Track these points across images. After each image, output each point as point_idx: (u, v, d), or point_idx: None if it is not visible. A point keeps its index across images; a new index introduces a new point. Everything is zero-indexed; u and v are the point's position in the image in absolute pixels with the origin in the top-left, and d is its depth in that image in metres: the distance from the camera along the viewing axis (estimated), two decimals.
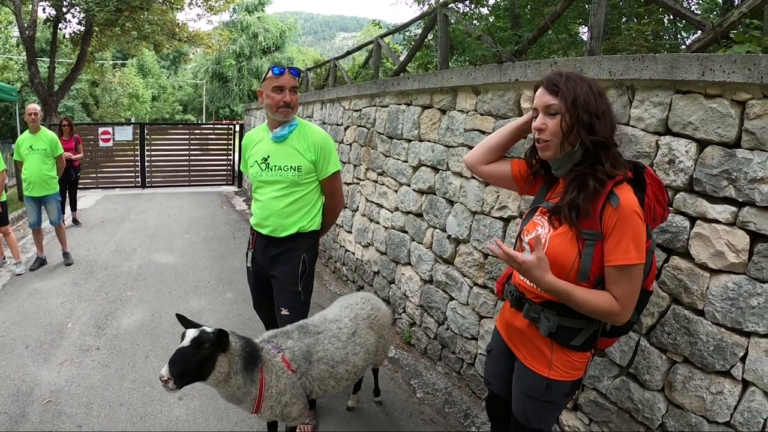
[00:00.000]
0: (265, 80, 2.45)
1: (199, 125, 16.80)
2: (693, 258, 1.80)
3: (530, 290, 1.56)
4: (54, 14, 12.15)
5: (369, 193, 4.81)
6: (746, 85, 1.62)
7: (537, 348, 1.58)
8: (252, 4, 32.14)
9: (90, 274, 5.29)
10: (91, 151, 11.38)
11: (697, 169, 1.78)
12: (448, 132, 3.47)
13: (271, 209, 2.50)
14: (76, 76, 13.71)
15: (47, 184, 5.38)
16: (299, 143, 2.48)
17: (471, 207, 3.21)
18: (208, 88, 34.53)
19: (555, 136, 1.44)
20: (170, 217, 8.43)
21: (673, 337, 1.87)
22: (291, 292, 2.57)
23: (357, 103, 5.22)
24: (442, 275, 3.53)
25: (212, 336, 1.88)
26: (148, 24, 12.27)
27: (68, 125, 7.36)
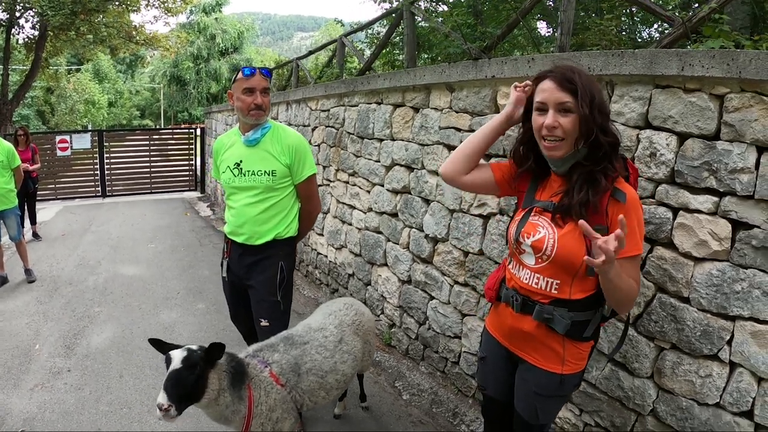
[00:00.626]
0: (235, 82, 2.35)
1: (159, 130, 16.36)
2: (677, 247, 1.85)
3: (536, 291, 1.54)
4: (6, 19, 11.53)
5: (340, 194, 4.75)
6: (725, 80, 1.68)
7: (549, 348, 1.56)
8: (209, 5, 31.34)
9: (54, 291, 5.07)
10: (48, 160, 10.94)
11: (678, 161, 1.84)
12: (422, 130, 3.45)
13: (245, 216, 2.41)
14: (31, 83, 13.09)
15: (5, 197, 5.06)
16: (273, 147, 2.39)
17: (449, 205, 3.20)
18: (165, 92, 33.49)
19: (570, 135, 1.41)
20: (134, 226, 8.21)
21: (660, 325, 1.92)
22: (270, 301, 2.47)
23: (325, 103, 5.15)
24: (420, 275, 3.52)
25: (201, 353, 1.80)
26: (104, 27, 11.77)
27: (24, 135, 6.98)
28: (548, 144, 1.45)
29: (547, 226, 1.50)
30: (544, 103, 1.45)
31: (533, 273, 1.53)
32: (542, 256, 1.50)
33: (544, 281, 1.51)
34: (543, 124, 1.44)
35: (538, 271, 1.52)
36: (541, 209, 1.54)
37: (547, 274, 1.50)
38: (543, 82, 1.46)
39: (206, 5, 31.15)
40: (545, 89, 1.45)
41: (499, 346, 1.72)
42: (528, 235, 1.54)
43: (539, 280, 1.52)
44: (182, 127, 22.18)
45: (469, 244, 3.05)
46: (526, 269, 1.56)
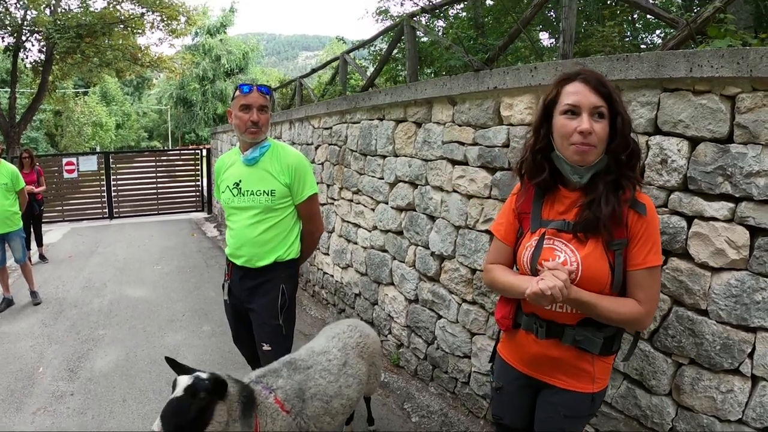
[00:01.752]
0: (234, 99, 2.34)
1: (165, 151, 16.71)
2: (693, 258, 1.78)
3: (560, 315, 1.47)
4: (13, 43, 11.84)
5: (345, 212, 4.71)
6: (735, 79, 1.64)
7: (580, 369, 1.50)
8: (214, 26, 32.17)
9: (59, 314, 5.10)
10: (55, 183, 11.22)
11: (690, 167, 1.78)
12: (426, 145, 3.42)
13: (244, 238, 2.37)
14: (38, 106, 13.37)
15: (10, 220, 5.13)
16: (272, 166, 2.36)
17: (454, 221, 3.15)
18: (172, 114, 34.18)
19: (602, 141, 1.36)
20: (140, 248, 8.29)
21: (678, 340, 1.84)
22: (271, 325, 2.42)
23: (327, 120, 5.16)
24: (428, 293, 3.45)
25: (208, 384, 1.72)
26: (110, 50, 12.04)
27: (29, 157, 7.12)
28: (582, 148, 1.35)
29: (565, 249, 1.42)
30: (576, 106, 1.36)
31: None
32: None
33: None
34: (576, 129, 1.35)
35: None
36: (555, 231, 1.45)
37: None
38: (571, 84, 1.39)
39: (211, 27, 31.97)
40: (576, 92, 1.36)
41: (517, 375, 1.63)
42: (546, 261, 1.44)
43: (563, 305, 1.45)
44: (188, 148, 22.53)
45: (476, 261, 2.99)
46: None
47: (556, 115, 1.42)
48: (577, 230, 1.41)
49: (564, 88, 1.41)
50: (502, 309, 1.66)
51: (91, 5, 11.95)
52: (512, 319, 1.62)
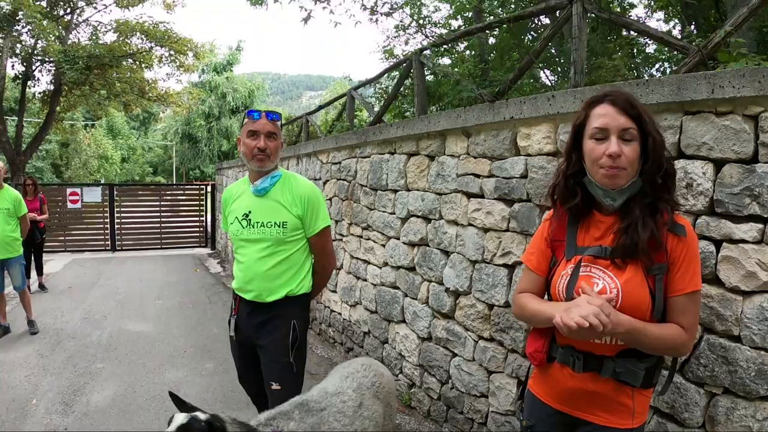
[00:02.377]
0: (242, 126, 2.35)
1: (170, 186, 16.97)
2: (723, 283, 1.79)
3: (599, 346, 1.44)
4: (23, 71, 12.24)
5: (354, 249, 4.73)
6: (757, 98, 1.69)
7: (619, 403, 1.45)
8: (220, 64, 33.30)
9: (57, 344, 5.09)
10: (59, 212, 11.45)
11: (716, 190, 1.81)
12: (439, 179, 3.47)
13: (254, 271, 2.33)
14: (44, 135, 13.69)
15: (10, 246, 5.17)
16: (284, 196, 2.34)
17: (470, 256, 3.15)
18: (177, 150, 34.90)
19: (633, 164, 1.37)
20: (142, 281, 8.34)
21: (711, 369, 1.82)
22: (281, 363, 2.35)
23: (336, 155, 5.25)
24: (442, 331, 3.41)
25: (204, 426, 1.64)
26: (118, 82, 12.45)
27: (32, 184, 7.26)
28: (611, 172, 1.36)
29: (604, 276, 1.41)
30: (604, 128, 1.37)
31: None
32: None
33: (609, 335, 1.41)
34: (604, 152, 1.36)
35: None
36: (591, 257, 1.44)
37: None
38: (599, 107, 1.40)
39: (217, 65, 33.05)
40: (605, 114, 1.38)
41: (551, 413, 1.58)
42: (583, 289, 1.42)
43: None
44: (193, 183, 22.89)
45: (494, 296, 2.97)
46: None
47: (586, 139, 1.43)
48: (615, 256, 1.40)
49: (592, 110, 1.42)
50: (534, 342, 1.62)
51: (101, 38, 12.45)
52: (546, 352, 1.57)
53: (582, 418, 1.51)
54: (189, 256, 11.28)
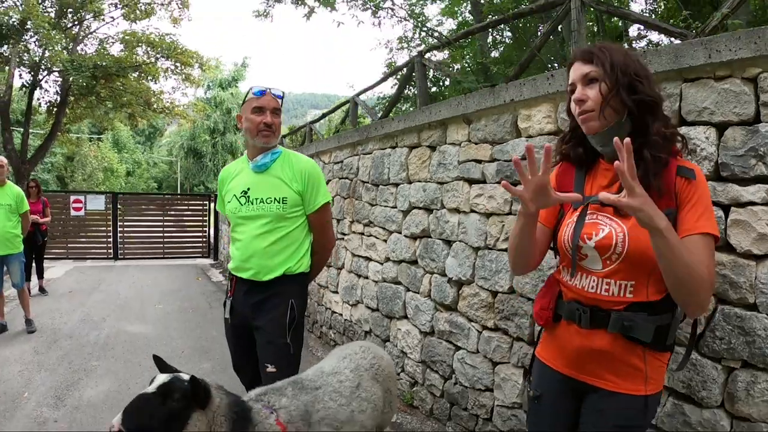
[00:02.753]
0: (245, 103, 2.35)
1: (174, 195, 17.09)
2: (734, 248, 1.75)
3: (606, 300, 1.39)
4: (30, 80, 12.47)
5: (355, 247, 4.70)
6: (755, 59, 1.69)
7: (629, 364, 1.39)
8: (226, 80, 33.82)
9: (53, 343, 5.08)
10: (62, 220, 11.56)
11: (720, 153, 1.79)
12: (441, 168, 3.46)
13: (253, 249, 2.30)
14: (50, 144, 13.86)
15: (10, 242, 5.19)
16: (284, 172, 2.33)
17: (473, 243, 3.12)
18: (182, 165, 35.22)
19: (597, 103, 1.38)
20: (143, 288, 8.38)
21: (727, 341, 1.76)
22: (278, 344, 2.29)
23: (338, 154, 5.26)
24: (444, 324, 3.37)
25: (186, 386, 1.59)
26: (124, 92, 12.63)
27: (35, 187, 7.33)
28: (581, 118, 1.41)
29: (610, 223, 1.39)
30: (572, 83, 1.44)
31: (601, 279, 1.39)
32: (611, 256, 1.37)
33: (617, 285, 1.37)
34: (573, 100, 1.43)
35: (607, 275, 1.38)
36: (598, 205, 1.42)
37: (620, 277, 1.37)
38: (572, 67, 1.46)
39: (223, 81, 33.55)
40: (573, 69, 1.44)
41: (558, 378, 1.52)
42: (589, 236, 1.41)
43: (610, 286, 1.38)
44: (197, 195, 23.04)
45: (497, 282, 2.93)
46: (592, 276, 1.41)
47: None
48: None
49: (569, 73, 1.48)
50: (540, 300, 1.59)
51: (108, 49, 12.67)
52: (552, 309, 1.54)
53: (590, 384, 1.45)
54: (191, 266, 11.32)
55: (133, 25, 12.95)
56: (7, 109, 11.85)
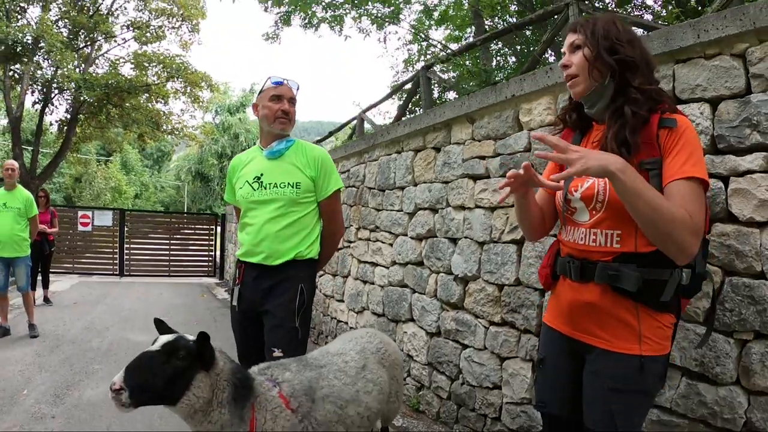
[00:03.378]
0: (262, 92, 2.43)
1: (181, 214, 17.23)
2: (736, 217, 1.78)
3: (595, 250, 1.43)
4: (41, 98, 12.82)
5: (361, 253, 4.74)
6: (741, 35, 1.77)
7: (620, 320, 1.39)
8: (234, 105, 34.56)
9: (56, 347, 5.12)
10: (70, 235, 11.77)
11: (716, 126, 1.85)
12: (445, 167, 3.53)
13: (264, 233, 2.34)
14: (59, 161, 14.15)
15: (18, 245, 5.28)
16: (297, 159, 2.39)
17: (478, 238, 3.16)
18: (189, 189, 35.60)
19: (580, 68, 1.46)
20: (148, 302, 8.47)
21: (738, 312, 1.76)
22: (287, 327, 2.31)
23: (345, 164, 5.35)
24: (451, 323, 3.37)
25: (192, 344, 1.59)
26: (134, 111, 12.94)
27: (44, 197, 7.44)
28: (568, 83, 1.51)
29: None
30: (563, 53, 1.53)
31: (589, 230, 1.44)
32: (595, 205, 1.43)
33: (603, 235, 1.41)
34: (560, 66, 1.52)
35: (594, 225, 1.43)
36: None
37: (605, 226, 1.41)
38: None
39: (231, 106, 34.31)
40: (565, 42, 1.54)
41: (560, 339, 1.54)
42: (575, 188, 1.48)
43: (597, 236, 1.42)
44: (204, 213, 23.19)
45: (503, 275, 2.95)
46: (581, 228, 1.47)
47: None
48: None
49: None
50: (543, 262, 1.66)
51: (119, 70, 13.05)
52: (550, 266, 1.60)
53: (586, 343, 1.46)
54: (196, 284, 11.39)
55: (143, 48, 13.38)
56: (18, 125, 12.20)
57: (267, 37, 12.02)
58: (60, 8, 12.66)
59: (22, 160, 12.00)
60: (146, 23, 13.31)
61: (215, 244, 13.08)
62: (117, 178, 32.02)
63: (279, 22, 11.48)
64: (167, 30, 13.56)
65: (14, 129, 12.13)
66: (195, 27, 13.90)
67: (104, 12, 13.12)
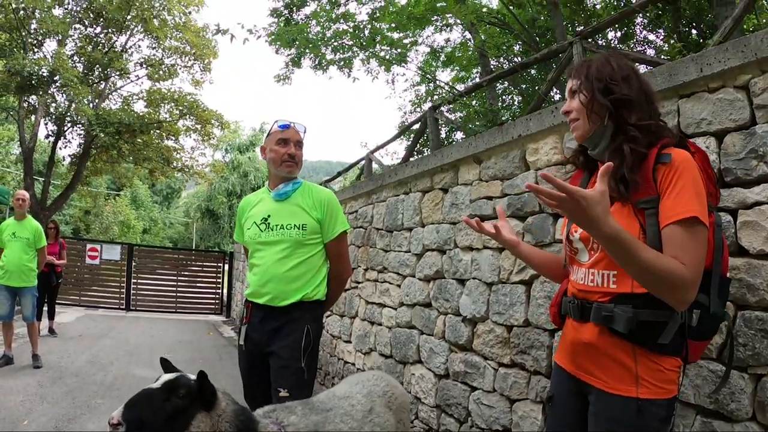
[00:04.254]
0: (270, 135, 2.51)
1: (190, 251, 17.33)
2: (747, 250, 1.77)
3: (593, 290, 1.44)
4: (55, 131, 13.14)
5: (369, 294, 4.72)
6: (744, 67, 1.81)
7: (616, 361, 1.37)
8: (243, 144, 35.33)
9: (59, 379, 5.13)
10: (78, 267, 11.85)
11: (722, 159, 1.87)
12: (453, 208, 3.55)
13: (271, 273, 2.36)
14: (70, 194, 14.32)
15: (25, 275, 5.32)
16: (304, 200, 2.44)
17: (486, 279, 3.15)
18: (198, 226, 35.87)
19: (579, 112, 1.49)
20: (153, 337, 8.46)
21: (751, 347, 1.73)
22: (292, 368, 2.31)
23: (353, 204, 5.40)
24: (459, 364, 3.31)
25: (192, 383, 1.59)
26: (145, 147, 13.22)
27: (54, 228, 7.57)
28: (571, 129, 1.54)
29: None
30: (566, 99, 1.57)
31: (588, 270, 1.46)
32: (593, 245, 1.44)
33: (600, 275, 1.42)
34: (562, 113, 1.57)
35: (592, 265, 1.44)
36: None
37: (602, 266, 1.41)
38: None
39: (241, 145, 35.03)
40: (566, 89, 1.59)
41: (567, 378, 1.53)
42: (575, 229, 1.50)
43: (594, 276, 1.43)
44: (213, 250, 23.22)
45: (512, 316, 2.92)
46: (582, 268, 1.48)
47: None
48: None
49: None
50: (553, 300, 1.68)
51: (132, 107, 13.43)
52: (558, 305, 1.61)
53: (585, 381, 1.46)
54: (203, 322, 11.40)
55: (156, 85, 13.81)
56: (30, 155, 12.48)
57: (278, 79, 12.40)
58: (76, 43, 13.21)
59: (33, 190, 12.20)
60: (159, 61, 13.80)
61: (222, 281, 13.10)
62: (126, 212, 32.47)
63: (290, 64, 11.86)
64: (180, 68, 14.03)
65: (27, 159, 12.43)
66: (207, 66, 14.36)
67: (119, 49, 13.64)
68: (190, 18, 14.00)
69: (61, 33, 12.18)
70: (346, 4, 11.09)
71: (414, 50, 11.30)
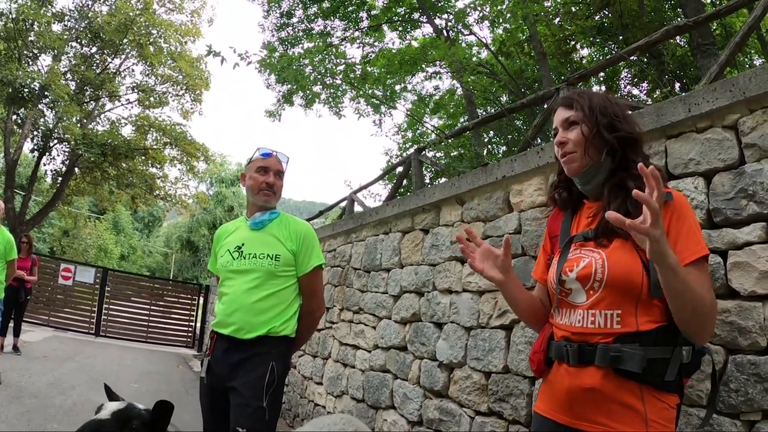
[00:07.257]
0: (251, 162, 2.43)
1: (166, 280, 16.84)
2: (737, 292, 1.69)
3: (594, 332, 1.33)
4: (40, 145, 12.85)
5: (343, 335, 4.52)
6: (732, 106, 1.78)
7: (624, 405, 1.27)
8: (229, 178, 35.10)
9: (16, 399, 4.91)
10: (50, 287, 11.37)
11: (711, 200, 1.81)
12: (433, 249, 3.45)
13: (239, 303, 2.24)
14: (50, 210, 13.96)
15: None
16: (280, 231, 2.36)
17: (464, 323, 3.01)
18: (177, 257, 35.06)
19: (578, 145, 1.43)
20: (120, 365, 8.12)
21: (744, 392, 1.62)
22: (253, 406, 2.14)
23: (332, 243, 5.28)
24: (434, 411, 3.12)
25: (145, 414, 1.49)
26: (129, 173, 12.99)
27: (27, 243, 7.20)
28: (563, 160, 1.46)
29: (590, 253, 1.39)
30: (555, 128, 1.51)
31: (587, 311, 1.35)
32: (593, 284, 1.34)
33: (602, 316, 1.32)
34: (555, 143, 1.49)
35: (592, 306, 1.34)
36: (581, 241, 1.44)
37: (604, 306, 1.32)
38: (555, 114, 1.54)
39: (226, 178, 34.87)
40: (555, 117, 1.53)
41: (556, 429, 1.40)
42: (570, 269, 1.40)
43: (596, 317, 1.33)
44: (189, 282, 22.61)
45: (491, 362, 2.77)
46: (578, 310, 1.37)
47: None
48: (597, 236, 1.39)
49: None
50: (534, 346, 1.53)
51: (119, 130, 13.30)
52: (544, 351, 1.46)
53: (583, 430, 1.32)
54: (173, 354, 10.99)
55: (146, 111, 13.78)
56: (14, 168, 12.20)
57: (269, 115, 12.47)
58: (70, 61, 13.19)
59: (12, 203, 11.86)
60: (151, 87, 13.81)
61: (197, 314, 12.72)
62: (105, 236, 31.73)
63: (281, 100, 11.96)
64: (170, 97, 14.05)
65: (9, 171, 12.19)
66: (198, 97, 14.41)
67: (112, 71, 13.64)
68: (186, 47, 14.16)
69: (57, 49, 12.23)
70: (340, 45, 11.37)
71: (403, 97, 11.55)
